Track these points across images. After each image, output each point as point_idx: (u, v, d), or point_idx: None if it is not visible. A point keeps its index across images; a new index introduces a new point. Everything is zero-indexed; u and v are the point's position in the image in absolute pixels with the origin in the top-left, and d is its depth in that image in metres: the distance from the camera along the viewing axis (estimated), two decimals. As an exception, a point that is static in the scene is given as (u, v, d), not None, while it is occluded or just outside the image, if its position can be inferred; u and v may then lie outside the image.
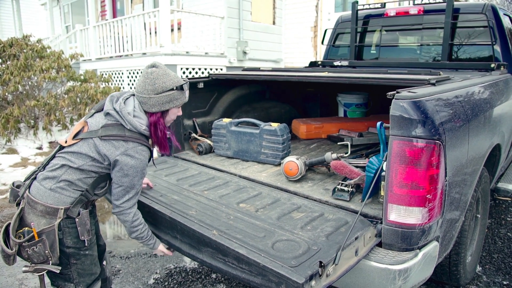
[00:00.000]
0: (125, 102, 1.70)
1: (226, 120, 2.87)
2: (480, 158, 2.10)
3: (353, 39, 3.91)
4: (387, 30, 3.87)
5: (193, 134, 3.09)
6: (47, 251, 1.55)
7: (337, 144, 3.20)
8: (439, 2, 3.37)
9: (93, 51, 9.30)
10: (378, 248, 1.65)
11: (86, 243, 1.66)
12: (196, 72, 7.94)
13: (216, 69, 8.31)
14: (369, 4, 4.05)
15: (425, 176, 1.54)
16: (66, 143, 1.65)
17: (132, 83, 8.30)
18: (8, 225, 1.60)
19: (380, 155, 1.95)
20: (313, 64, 4.31)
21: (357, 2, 3.87)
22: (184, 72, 7.73)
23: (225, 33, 8.38)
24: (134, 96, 1.73)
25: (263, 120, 2.79)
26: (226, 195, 2.10)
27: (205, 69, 8.11)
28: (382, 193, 1.76)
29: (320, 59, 4.48)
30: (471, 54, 3.35)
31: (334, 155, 2.32)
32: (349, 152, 2.42)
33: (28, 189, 1.64)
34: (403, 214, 1.58)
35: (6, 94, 6.61)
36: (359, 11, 3.93)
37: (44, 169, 1.66)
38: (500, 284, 2.52)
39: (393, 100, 1.57)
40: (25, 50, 6.81)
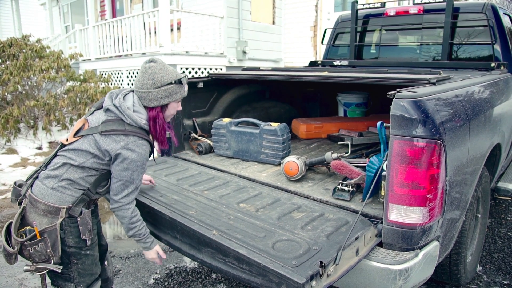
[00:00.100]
0: (124, 98, 1.71)
1: (226, 120, 2.86)
2: (481, 158, 2.10)
3: (353, 39, 3.91)
4: (387, 30, 3.87)
5: (193, 134, 3.09)
6: (49, 250, 1.56)
7: (337, 144, 3.20)
8: (439, 2, 3.37)
9: (93, 51, 9.29)
10: (379, 248, 1.65)
11: (88, 243, 1.66)
12: (196, 72, 7.94)
13: (216, 69, 8.31)
14: (369, 4, 4.05)
15: (426, 176, 1.53)
16: (67, 141, 1.66)
17: (132, 83, 8.29)
18: (10, 224, 1.60)
19: (381, 155, 1.95)
20: (313, 64, 4.30)
21: (357, 2, 3.86)
22: (184, 72, 7.72)
23: (225, 33, 8.37)
24: (133, 92, 1.74)
25: (263, 120, 2.78)
26: (226, 195, 2.10)
27: (205, 69, 8.10)
28: (383, 193, 1.76)
29: (320, 59, 4.48)
30: (471, 54, 3.34)
31: (334, 155, 2.32)
32: (349, 152, 2.42)
33: (30, 188, 1.64)
34: (404, 214, 1.58)
35: (6, 94, 6.60)
36: (359, 11, 3.92)
37: (46, 168, 1.66)
38: (501, 284, 2.52)
39: (394, 100, 1.57)
40: (25, 50, 6.81)
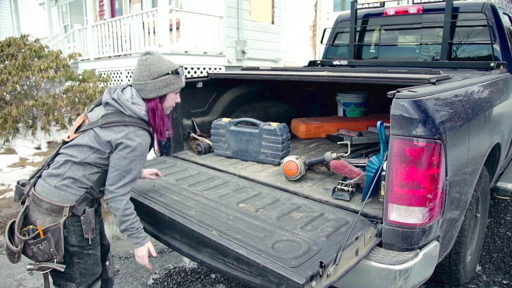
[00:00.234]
0: (123, 91, 1.73)
1: (225, 120, 2.86)
2: (480, 157, 2.10)
3: (352, 39, 3.90)
4: (386, 29, 3.87)
5: (192, 134, 3.08)
6: (52, 249, 1.56)
7: (337, 144, 3.20)
8: (439, 1, 3.37)
9: (92, 51, 9.27)
10: (379, 248, 1.64)
11: (90, 242, 1.66)
12: (195, 72, 7.93)
13: (215, 69, 8.30)
14: (368, 3, 4.04)
15: (426, 176, 1.53)
16: (69, 138, 1.67)
17: (131, 83, 8.26)
18: (13, 223, 1.61)
19: (380, 155, 1.95)
20: (312, 64, 4.30)
21: (356, 1, 3.86)
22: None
23: (224, 33, 8.36)
24: (131, 86, 1.76)
25: (263, 120, 2.78)
26: (226, 195, 2.09)
27: (204, 69, 8.09)
28: (383, 193, 1.76)
29: (319, 59, 4.47)
30: (471, 53, 3.34)
31: (334, 155, 2.31)
32: (349, 152, 2.41)
33: (34, 187, 1.65)
34: (404, 214, 1.57)
35: (4, 94, 6.59)
36: (358, 10, 3.92)
37: (49, 167, 1.67)
38: (500, 283, 2.52)
39: (394, 100, 1.56)
40: (23, 50, 6.80)
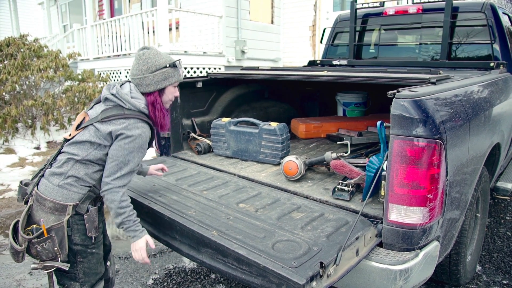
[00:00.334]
0: (121, 87, 1.74)
1: (225, 120, 2.85)
2: (481, 157, 2.10)
3: (352, 38, 3.90)
4: (386, 29, 3.86)
5: (192, 134, 3.07)
6: (56, 248, 1.56)
7: (337, 144, 3.20)
8: (438, 1, 3.36)
9: (91, 51, 9.26)
10: (379, 248, 1.64)
11: (93, 240, 1.67)
12: (195, 72, 7.92)
13: (215, 69, 8.29)
14: (368, 3, 4.04)
15: (426, 176, 1.53)
16: (70, 136, 1.68)
17: (130, 83, 8.26)
18: (17, 223, 1.61)
19: (380, 155, 1.94)
20: (312, 63, 4.29)
21: (356, 1, 3.85)
22: (183, 72, 7.70)
23: (224, 32, 8.35)
24: (130, 82, 1.76)
25: (262, 120, 2.77)
26: (226, 195, 2.09)
27: (203, 69, 8.09)
28: (383, 193, 1.75)
29: (319, 58, 4.47)
30: (470, 53, 3.34)
31: (334, 155, 2.31)
32: (349, 152, 2.41)
33: (37, 186, 1.65)
34: (404, 214, 1.57)
35: (4, 94, 6.58)
36: (358, 10, 3.91)
37: (51, 166, 1.67)
38: (500, 283, 2.52)
39: (394, 99, 1.56)
40: (23, 50, 6.78)
